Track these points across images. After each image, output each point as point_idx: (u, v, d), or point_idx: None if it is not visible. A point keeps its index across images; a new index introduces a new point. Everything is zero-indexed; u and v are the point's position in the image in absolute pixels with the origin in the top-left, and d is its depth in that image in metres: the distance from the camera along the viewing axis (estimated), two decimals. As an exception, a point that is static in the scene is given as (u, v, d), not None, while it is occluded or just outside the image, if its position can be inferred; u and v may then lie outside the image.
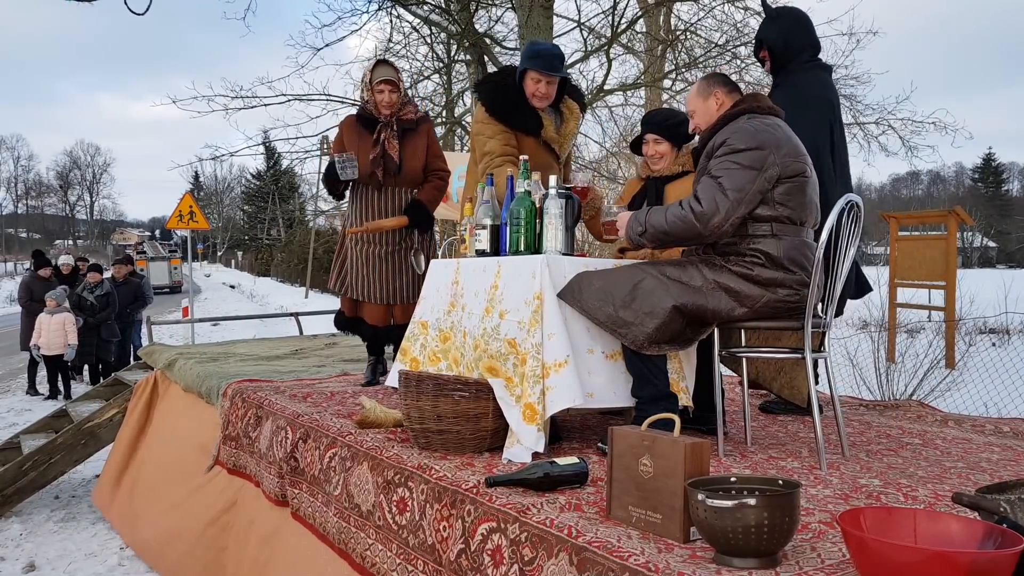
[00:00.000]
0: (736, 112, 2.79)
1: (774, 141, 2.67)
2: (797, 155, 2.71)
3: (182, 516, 4.35)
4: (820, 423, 2.70)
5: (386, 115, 4.10)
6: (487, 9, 12.21)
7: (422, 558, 2.42)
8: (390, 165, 4.11)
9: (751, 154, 2.64)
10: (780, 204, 2.67)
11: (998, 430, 3.36)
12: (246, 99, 11.14)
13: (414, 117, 4.21)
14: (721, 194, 2.63)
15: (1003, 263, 49.90)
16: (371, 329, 4.31)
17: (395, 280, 4.21)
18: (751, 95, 2.86)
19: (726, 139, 2.70)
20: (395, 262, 4.20)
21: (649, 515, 2.00)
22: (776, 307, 2.68)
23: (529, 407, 2.66)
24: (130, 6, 5.64)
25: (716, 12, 11.96)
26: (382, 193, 4.18)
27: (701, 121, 2.90)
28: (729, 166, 2.66)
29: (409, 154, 4.15)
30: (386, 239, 4.19)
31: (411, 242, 4.22)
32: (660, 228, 2.73)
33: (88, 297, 9.78)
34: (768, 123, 2.74)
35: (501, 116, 3.65)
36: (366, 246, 4.21)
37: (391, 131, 4.10)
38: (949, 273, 9.77)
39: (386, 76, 4.08)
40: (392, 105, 4.09)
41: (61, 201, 76.04)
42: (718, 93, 2.86)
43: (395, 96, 4.09)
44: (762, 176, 2.64)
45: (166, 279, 32.54)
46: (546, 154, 3.72)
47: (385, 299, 4.21)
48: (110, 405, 5.71)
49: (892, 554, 1.47)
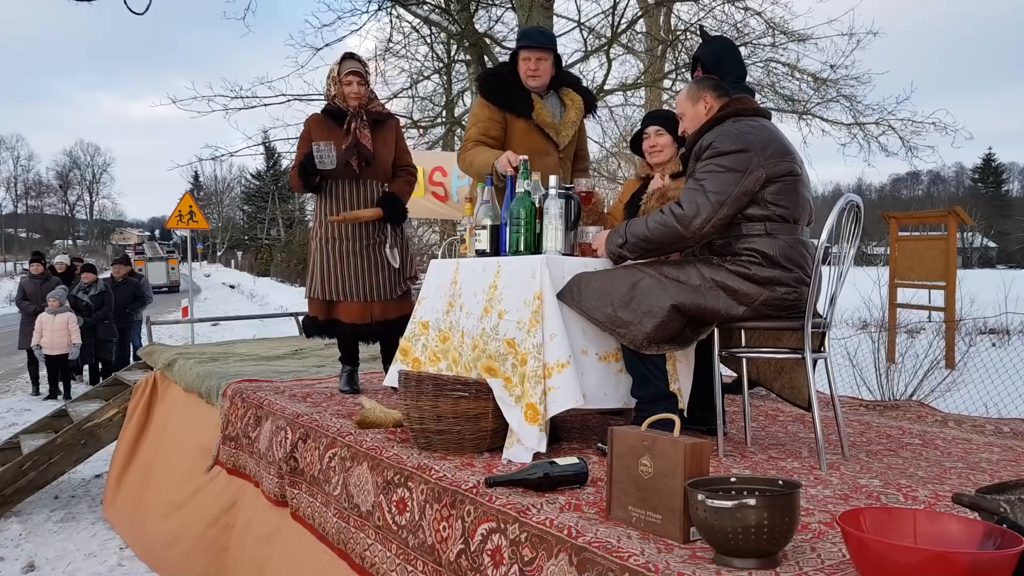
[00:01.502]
0: (722, 115, 2.81)
1: (759, 143, 2.69)
2: (784, 155, 2.72)
3: (182, 517, 4.35)
4: (820, 423, 2.70)
5: (355, 107, 4.02)
6: (487, 9, 12.20)
7: (422, 558, 2.42)
8: (364, 153, 4.00)
9: (735, 156, 2.66)
10: (772, 203, 2.69)
11: (998, 430, 3.36)
12: (246, 99, 11.16)
13: (382, 110, 4.19)
14: (703, 196, 2.65)
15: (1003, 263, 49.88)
16: (350, 328, 4.09)
17: (372, 276, 4.06)
18: (737, 98, 2.88)
19: (711, 142, 2.73)
20: (370, 257, 4.06)
21: (649, 515, 2.00)
22: (775, 305, 2.68)
23: (531, 407, 2.65)
24: (130, 6, 5.64)
25: (716, 12, 11.97)
26: (356, 186, 4.06)
27: (689, 125, 2.93)
28: (713, 169, 2.68)
29: (380, 145, 4.07)
30: (359, 234, 4.05)
31: (384, 236, 4.09)
32: (641, 236, 2.75)
33: (83, 297, 9.78)
34: (753, 125, 2.76)
35: (492, 97, 3.69)
36: (338, 243, 4.05)
37: (361, 121, 4.01)
38: (949, 273, 9.77)
39: (354, 68, 4.02)
40: (361, 97, 4.01)
41: (61, 201, 76.01)
42: (707, 97, 2.88)
43: (363, 88, 4.02)
44: (747, 178, 2.66)
45: (164, 279, 33.32)
46: (540, 139, 3.68)
47: (363, 296, 4.04)
48: (110, 405, 5.71)
49: (892, 554, 1.47)
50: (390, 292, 4.08)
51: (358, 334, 4.13)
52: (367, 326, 4.10)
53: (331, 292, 4.06)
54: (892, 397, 6.64)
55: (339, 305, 4.09)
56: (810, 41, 12.02)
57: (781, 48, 12.17)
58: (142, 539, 4.74)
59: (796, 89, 12.53)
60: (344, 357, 4.21)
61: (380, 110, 4.17)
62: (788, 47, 12.16)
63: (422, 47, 13.03)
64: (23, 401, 9.49)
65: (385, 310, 4.08)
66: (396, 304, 4.09)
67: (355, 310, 4.07)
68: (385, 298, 4.07)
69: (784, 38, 11.99)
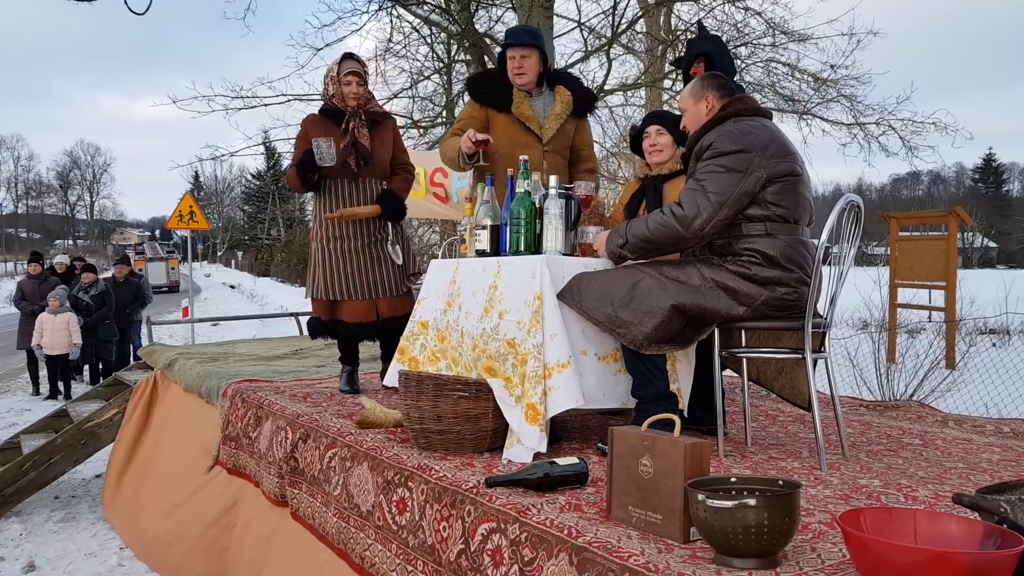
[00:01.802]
0: (723, 115, 2.81)
1: (760, 143, 2.69)
2: (785, 155, 2.71)
3: (183, 516, 4.35)
4: (820, 423, 2.70)
5: (353, 106, 4.04)
6: (487, 9, 12.20)
7: (422, 558, 2.42)
8: (362, 152, 4.02)
9: (735, 157, 2.66)
10: (772, 204, 2.68)
11: (998, 431, 3.36)
12: (246, 99, 11.13)
13: (380, 110, 4.22)
14: (703, 197, 2.65)
15: (1003, 263, 49.87)
16: (355, 328, 4.08)
17: (376, 272, 4.05)
18: (738, 98, 2.88)
19: (712, 142, 2.72)
20: (373, 254, 4.06)
21: (649, 515, 2.00)
22: (775, 306, 2.68)
23: (531, 408, 2.65)
24: (131, 6, 5.64)
25: (716, 12, 11.96)
26: (354, 184, 4.07)
27: (690, 123, 2.93)
28: (713, 169, 2.68)
29: (378, 144, 4.08)
30: (360, 232, 4.05)
31: (385, 234, 4.11)
32: (641, 236, 2.75)
33: (83, 297, 9.78)
34: (754, 125, 2.75)
35: (476, 94, 3.84)
36: (339, 242, 4.04)
37: (359, 120, 4.04)
38: (949, 273, 9.77)
39: (353, 68, 4.04)
40: (359, 97, 4.03)
41: (61, 201, 76.01)
42: (709, 97, 2.88)
43: (362, 88, 4.05)
44: (747, 178, 2.65)
45: (164, 279, 33.90)
46: (520, 131, 3.72)
47: (367, 293, 4.03)
48: (110, 405, 5.71)
49: (892, 554, 1.47)
50: (395, 288, 4.08)
51: (363, 333, 4.12)
52: (372, 324, 4.08)
53: (334, 292, 4.04)
54: (892, 397, 6.64)
55: (342, 304, 4.07)
56: (810, 41, 12.02)
57: (781, 48, 12.17)
58: (141, 538, 4.74)
59: (796, 89, 12.53)
60: (344, 357, 4.21)
61: (377, 110, 4.19)
62: (788, 47, 12.16)
63: (422, 47, 13.03)
64: (23, 401, 9.50)
65: (392, 306, 4.07)
66: (402, 301, 4.09)
67: (359, 308, 4.06)
68: (391, 294, 4.07)
69: (784, 38, 11.98)
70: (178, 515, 4.40)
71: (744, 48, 11.77)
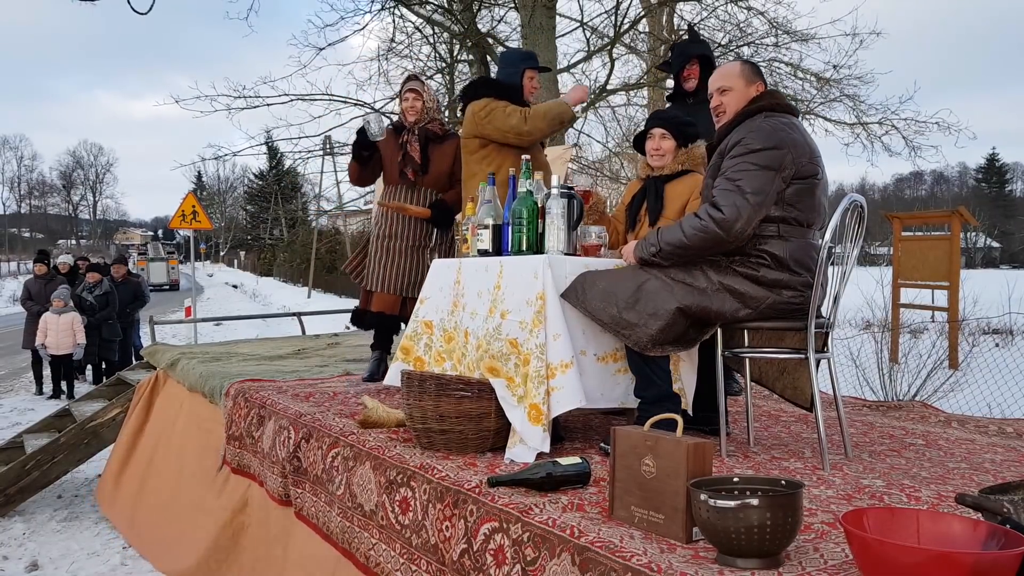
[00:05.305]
0: (753, 109, 2.74)
1: (791, 140, 2.63)
2: (812, 156, 2.67)
3: (186, 515, 4.36)
4: (823, 423, 2.69)
5: (411, 121, 4.38)
6: (490, 9, 12.21)
7: (425, 558, 2.42)
8: (411, 163, 4.34)
9: (768, 154, 2.60)
10: (790, 205, 2.64)
11: (1002, 431, 3.36)
12: (249, 99, 11.14)
13: (440, 131, 4.45)
14: (741, 198, 2.58)
15: (1007, 263, 49.81)
16: (378, 317, 4.41)
17: (410, 274, 4.37)
18: (768, 92, 2.82)
19: (742, 138, 2.65)
20: (413, 257, 4.40)
21: (652, 515, 2.00)
22: (780, 309, 2.67)
23: (534, 408, 2.65)
24: (134, 6, 5.65)
25: (719, 12, 11.96)
26: (412, 192, 4.39)
27: (732, 102, 2.79)
28: (746, 167, 2.61)
29: (435, 157, 4.38)
30: (408, 234, 4.39)
31: (430, 240, 4.43)
32: (677, 243, 2.66)
33: (88, 297, 9.80)
34: (785, 122, 2.70)
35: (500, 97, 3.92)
36: (388, 240, 4.40)
37: (412, 135, 4.36)
38: (952, 273, 9.76)
39: (411, 86, 4.42)
40: (416, 112, 4.36)
41: (64, 201, 76.16)
42: (760, 85, 2.81)
43: (418, 103, 4.37)
44: (779, 176, 2.61)
45: (164, 278, 36.31)
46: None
47: (395, 290, 4.36)
48: (113, 405, 5.72)
49: (895, 555, 1.47)
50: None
51: (385, 321, 4.45)
52: (394, 317, 4.41)
53: (371, 282, 4.42)
54: (895, 397, 6.63)
55: (375, 295, 4.43)
56: (813, 41, 12.00)
57: (784, 48, 12.15)
58: (141, 537, 4.74)
59: (799, 89, 12.51)
60: (376, 343, 4.52)
61: (437, 130, 4.44)
62: (791, 47, 12.15)
63: (425, 47, 13.04)
64: (26, 400, 9.51)
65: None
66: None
67: (388, 301, 4.40)
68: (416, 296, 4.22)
69: (787, 38, 11.97)
70: (182, 513, 4.41)
71: (747, 48, 11.75)
